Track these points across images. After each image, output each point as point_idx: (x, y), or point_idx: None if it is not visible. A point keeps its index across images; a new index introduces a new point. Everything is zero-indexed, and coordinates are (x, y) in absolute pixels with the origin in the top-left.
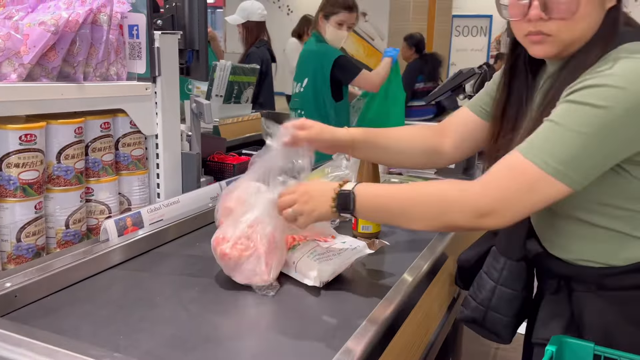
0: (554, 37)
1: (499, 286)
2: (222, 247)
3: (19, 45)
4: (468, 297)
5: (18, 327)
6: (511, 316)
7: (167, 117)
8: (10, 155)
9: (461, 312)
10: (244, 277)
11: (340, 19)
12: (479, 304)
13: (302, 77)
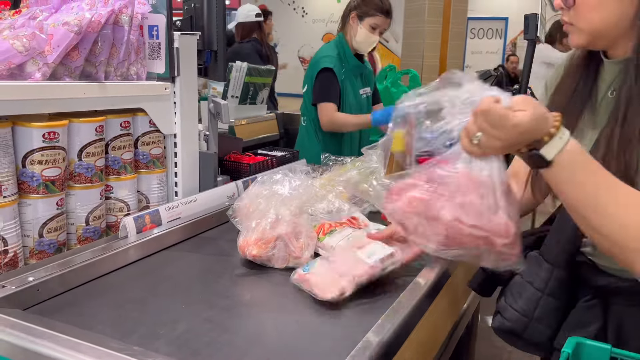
0: (575, 27)
1: (544, 296)
2: (248, 251)
3: (43, 45)
4: (505, 305)
5: (41, 320)
6: (554, 327)
7: (186, 117)
8: (34, 153)
9: (498, 322)
10: (281, 264)
11: (375, 22)
12: (522, 315)
13: (305, 82)
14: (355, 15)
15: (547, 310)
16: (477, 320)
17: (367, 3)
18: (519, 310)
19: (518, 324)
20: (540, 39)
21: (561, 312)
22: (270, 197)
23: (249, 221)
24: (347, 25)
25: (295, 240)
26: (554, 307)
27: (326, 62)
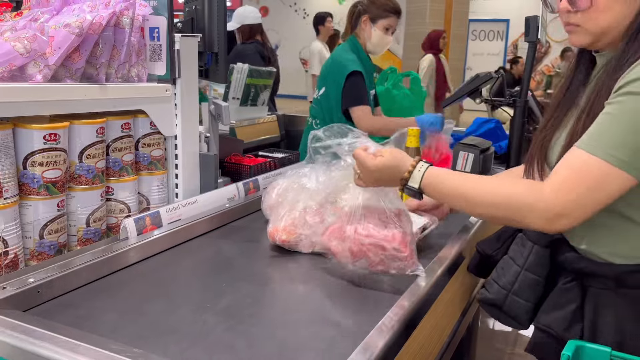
0: (581, 28)
1: (523, 271)
2: (278, 236)
3: (45, 47)
4: (491, 280)
5: (41, 321)
6: (532, 302)
7: (186, 119)
8: (35, 154)
9: (482, 294)
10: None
11: (389, 23)
12: (502, 288)
13: (321, 84)
14: (368, 19)
15: (525, 285)
16: (477, 322)
17: (378, 5)
18: (501, 284)
19: (499, 297)
20: (541, 41)
21: (541, 288)
22: (298, 190)
23: (278, 211)
24: (358, 28)
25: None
26: (532, 282)
27: (354, 66)
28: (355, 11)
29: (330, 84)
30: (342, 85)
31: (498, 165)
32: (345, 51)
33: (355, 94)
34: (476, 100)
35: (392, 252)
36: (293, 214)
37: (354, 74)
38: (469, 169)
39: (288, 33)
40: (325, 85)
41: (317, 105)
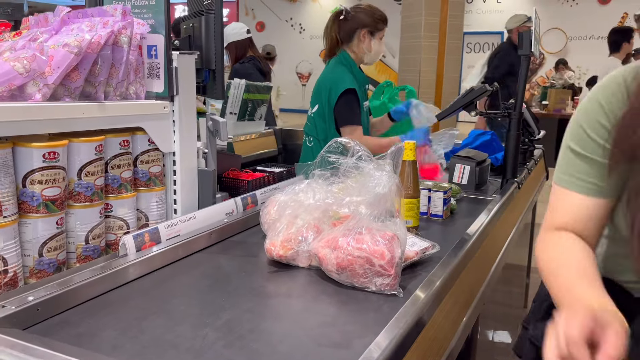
0: None
1: None
2: (275, 251)
3: (44, 67)
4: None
5: (41, 340)
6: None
7: (184, 135)
8: (34, 172)
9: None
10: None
11: (383, 33)
12: None
13: (314, 102)
14: (367, 32)
15: None
16: (477, 334)
17: (376, 19)
18: None
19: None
20: (534, 54)
21: None
22: (296, 205)
23: (275, 226)
24: (352, 43)
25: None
26: None
27: (347, 83)
28: (347, 26)
29: (324, 102)
30: (334, 103)
31: (494, 177)
32: (338, 67)
33: (347, 113)
34: (471, 114)
35: (378, 268)
36: (290, 229)
37: (347, 92)
38: (466, 181)
39: (284, 48)
40: (319, 102)
41: (311, 123)
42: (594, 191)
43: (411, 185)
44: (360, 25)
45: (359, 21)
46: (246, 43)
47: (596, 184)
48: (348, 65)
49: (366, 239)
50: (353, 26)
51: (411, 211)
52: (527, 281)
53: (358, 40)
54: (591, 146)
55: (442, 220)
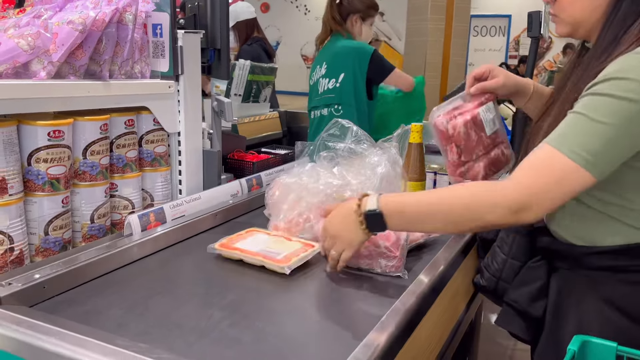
0: (558, 18)
1: (509, 259)
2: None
3: (48, 44)
4: (482, 267)
5: (47, 317)
6: None
7: (190, 115)
8: (39, 151)
9: (476, 280)
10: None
11: (373, 20)
12: (492, 275)
13: (338, 72)
14: (359, 17)
15: (511, 272)
16: (480, 318)
17: (367, 6)
18: (491, 272)
19: (490, 284)
20: (544, 36)
21: None
22: (300, 188)
23: (279, 207)
24: (347, 24)
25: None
26: (517, 268)
27: (370, 46)
28: (341, 9)
29: (354, 69)
30: (367, 65)
31: None
32: (348, 38)
33: (384, 66)
34: None
35: (383, 249)
36: (294, 211)
37: (376, 53)
38: None
39: (289, 29)
40: (346, 70)
41: (336, 93)
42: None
43: (417, 168)
44: (353, 11)
45: (352, 7)
46: (254, 23)
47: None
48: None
49: None
50: (347, 10)
51: (416, 190)
52: None
53: (351, 24)
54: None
55: None
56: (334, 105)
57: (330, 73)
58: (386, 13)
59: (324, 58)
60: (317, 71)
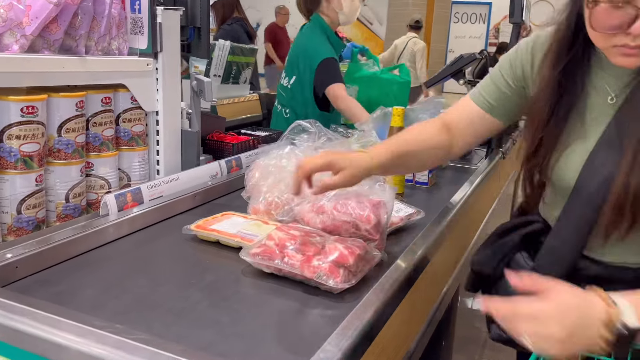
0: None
1: None
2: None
3: (21, 16)
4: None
5: (20, 297)
6: None
7: (168, 94)
8: (11, 127)
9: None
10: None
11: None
12: None
13: (291, 73)
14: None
15: None
16: (457, 303)
17: None
18: None
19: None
20: (525, 23)
21: None
22: (279, 170)
23: (259, 190)
24: (322, 4)
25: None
26: None
27: (326, 52)
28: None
29: (303, 73)
30: (314, 72)
31: (479, 146)
32: (314, 34)
33: (329, 75)
34: (459, 82)
35: (364, 233)
36: (274, 193)
37: (325, 62)
38: None
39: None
40: (297, 74)
41: (287, 95)
42: (486, 106)
43: None
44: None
45: None
46: (233, 3)
47: (490, 103)
48: (323, 30)
49: (352, 204)
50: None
51: (397, 178)
52: None
53: (327, 2)
54: (500, 80)
55: (427, 187)
56: (285, 107)
57: (287, 70)
58: None
59: (291, 49)
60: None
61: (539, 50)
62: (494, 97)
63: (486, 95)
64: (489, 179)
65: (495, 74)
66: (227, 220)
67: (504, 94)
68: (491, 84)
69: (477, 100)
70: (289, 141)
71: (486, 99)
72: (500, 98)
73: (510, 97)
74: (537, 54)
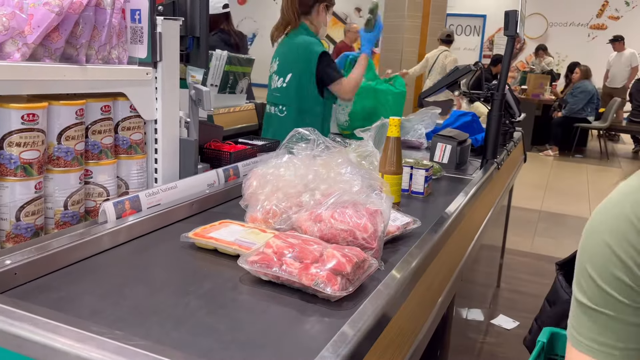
0: None
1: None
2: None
3: (23, 25)
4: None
5: (19, 303)
6: None
7: (167, 103)
8: (12, 134)
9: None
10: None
11: (332, 9)
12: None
13: (286, 72)
14: (324, 7)
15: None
16: (452, 312)
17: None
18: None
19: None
20: (519, 35)
21: None
22: (277, 179)
23: (256, 198)
24: (310, 15)
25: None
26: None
27: (320, 47)
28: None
29: (301, 69)
30: (315, 68)
31: (474, 157)
32: (304, 35)
33: (332, 70)
34: (454, 93)
35: (361, 241)
36: (272, 202)
37: (324, 54)
38: (446, 160)
39: (266, 22)
40: (292, 71)
41: (282, 93)
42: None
43: (394, 161)
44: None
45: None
46: (220, 19)
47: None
48: (312, 35)
49: (350, 212)
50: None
51: (393, 187)
52: (501, 262)
53: (316, 13)
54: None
55: (423, 197)
56: (278, 106)
57: (280, 71)
58: (363, 9)
59: (278, 53)
60: (272, 65)
61: None
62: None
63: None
64: (484, 190)
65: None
66: (224, 228)
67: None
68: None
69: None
70: (287, 150)
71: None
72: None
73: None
74: None
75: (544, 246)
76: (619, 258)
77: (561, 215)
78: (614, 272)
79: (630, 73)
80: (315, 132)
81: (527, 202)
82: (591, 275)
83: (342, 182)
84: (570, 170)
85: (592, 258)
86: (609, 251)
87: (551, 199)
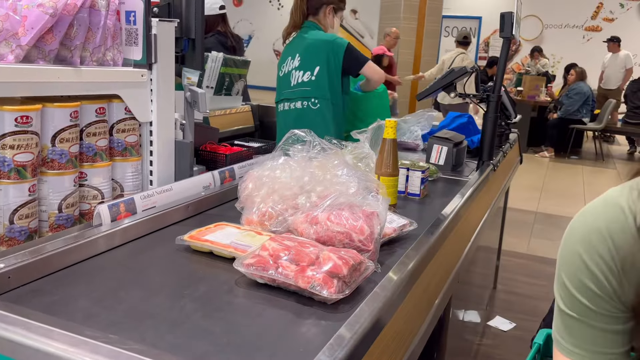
0: None
1: None
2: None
3: (17, 27)
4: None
5: (12, 307)
6: None
7: (162, 105)
8: (5, 137)
9: None
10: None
11: (342, 13)
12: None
13: (313, 65)
14: (332, 9)
15: None
16: (449, 314)
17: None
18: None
19: None
20: (515, 37)
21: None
22: (273, 181)
23: (252, 201)
24: (318, 16)
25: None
26: None
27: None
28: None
29: (328, 62)
30: (342, 60)
31: (470, 159)
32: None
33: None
34: (450, 94)
35: (358, 243)
36: (267, 204)
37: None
38: (443, 161)
39: (262, 24)
40: (319, 64)
41: (313, 86)
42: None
43: (390, 163)
44: (326, 2)
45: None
46: (216, 20)
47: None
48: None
49: (346, 215)
50: (320, 1)
51: (389, 189)
52: (497, 263)
53: (323, 14)
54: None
55: (419, 199)
56: (310, 99)
57: (305, 65)
58: (359, 11)
59: (297, 50)
60: (289, 63)
61: None
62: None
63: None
64: (480, 191)
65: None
66: (220, 230)
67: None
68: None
69: None
70: (283, 152)
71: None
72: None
73: None
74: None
75: (540, 247)
76: (587, 267)
77: (557, 217)
78: (583, 280)
79: (624, 75)
80: (311, 133)
81: (523, 203)
82: (564, 282)
83: (338, 184)
84: (566, 172)
85: (565, 266)
86: (579, 260)
87: (547, 200)
